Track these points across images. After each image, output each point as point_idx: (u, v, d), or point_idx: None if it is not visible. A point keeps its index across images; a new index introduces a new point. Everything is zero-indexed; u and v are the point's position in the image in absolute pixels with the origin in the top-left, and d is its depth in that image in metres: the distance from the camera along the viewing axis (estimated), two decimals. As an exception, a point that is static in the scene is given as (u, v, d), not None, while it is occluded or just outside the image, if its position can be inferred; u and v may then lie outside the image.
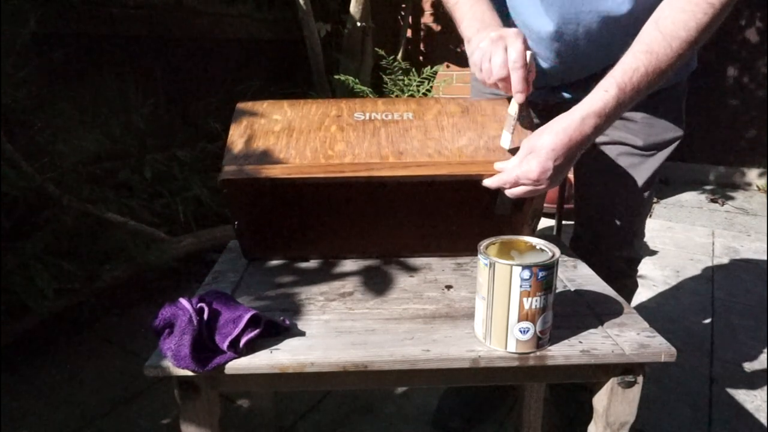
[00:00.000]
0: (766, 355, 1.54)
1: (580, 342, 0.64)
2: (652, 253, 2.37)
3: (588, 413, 0.71)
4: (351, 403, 1.34)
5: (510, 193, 0.75)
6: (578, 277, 0.83)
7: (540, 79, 0.98)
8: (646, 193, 1.00)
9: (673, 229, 2.71)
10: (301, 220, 1.01)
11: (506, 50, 0.73)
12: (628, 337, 0.65)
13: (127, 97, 2.07)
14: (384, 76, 3.04)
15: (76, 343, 1.62)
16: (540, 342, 0.62)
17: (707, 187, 3.49)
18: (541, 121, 0.75)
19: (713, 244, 2.49)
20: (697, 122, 3.24)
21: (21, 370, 1.48)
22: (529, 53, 0.74)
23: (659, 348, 0.62)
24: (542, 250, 0.62)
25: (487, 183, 0.77)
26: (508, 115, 0.78)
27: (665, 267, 2.21)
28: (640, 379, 0.64)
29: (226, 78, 2.59)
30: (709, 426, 1.26)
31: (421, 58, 3.56)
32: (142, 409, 1.32)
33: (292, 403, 1.34)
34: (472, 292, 0.76)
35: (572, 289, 0.79)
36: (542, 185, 0.72)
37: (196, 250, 1.94)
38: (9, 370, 1.47)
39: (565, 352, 0.62)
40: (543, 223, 2.24)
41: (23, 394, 1.38)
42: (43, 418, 1.30)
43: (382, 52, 2.94)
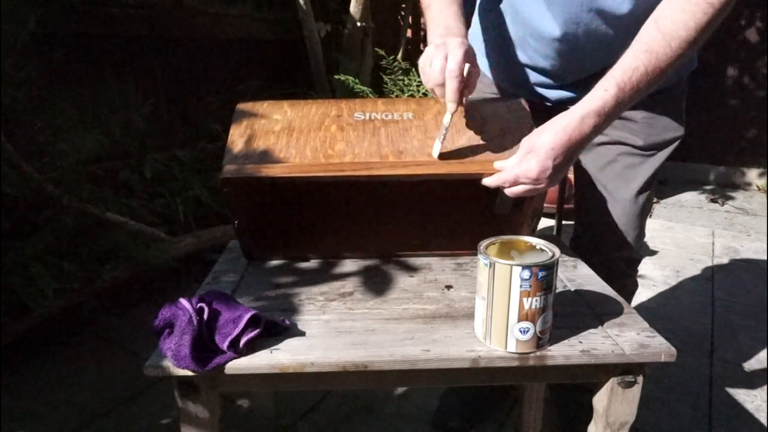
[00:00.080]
0: (766, 355, 1.54)
1: (580, 342, 0.64)
2: (652, 253, 2.37)
3: (588, 413, 0.71)
4: (351, 403, 1.34)
5: (509, 192, 0.75)
6: (578, 277, 0.83)
7: (540, 78, 0.98)
8: (646, 193, 1.00)
9: (673, 229, 2.71)
10: (301, 220, 1.01)
11: (446, 58, 0.73)
12: (628, 337, 0.65)
13: (127, 97, 2.07)
14: (384, 76, 3.03)
15: (76, 343, 1.62)
16: (540, 342, 0.62)
17: (707, 187, 3.49)
18: (541, 121, 0.75)
19: (713, 244, 2.49)
20: (697, 122, 3.24)
21: (21, 370, 1.48)
22: (467, 66, 0.73)
23: (659, 348, 0.62)
24: (542, 250, 0.62)
25: (487, 182, 0.77)
26: (441, 124, 0.77)
27: (665, 267, 2.21)
28: (640, 379, 0.64)
29: (226, 78, 2.59)
30: (709, 426, 1.26)
31: (421, 58, 3.56)
32: (142, 409, 1.32)
33: (292, 403, 1.34)
34: (472, 292, 0.76)
35: (572, 289, 0.79)
36: (542, 184, 0.72)
37: (196, 250, 1.94)
38: (9, 370, 1.47)
39: (565, 352, 0.62)
40: (543, 223, 2.24)
41: (23, 394, 1.38)
42: (43, 418, 1.30)
43: (382, 52, 2.93)
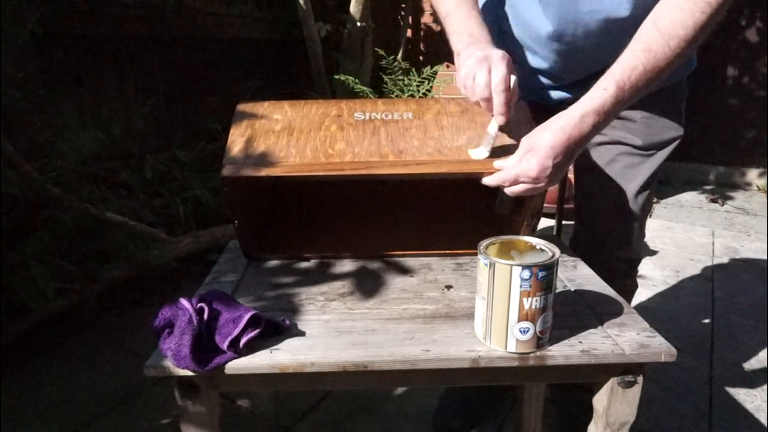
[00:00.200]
0: (766, 355, 1.54)
1: (580, 342, 0.64)
2: (652, 253, 2.37)
3: (588, 413, 0.71)
4: (351, 403, 1.34)
5: (509, 191, 0.75)
6: (578, 277, 0.83)
7: (539, 79, 0.98)
8: (645, 192, 1.00)
9: (673, 229, 2.71)
10: (301, 219, 1.01)
11: (490, 72, 0.73)
12: (628, 337, 0.65)
13: (127, 97, 2.07)
14: (384, 76, 3.03)
15: (76, 343, 1.62)
16: (540, 342, 0.62)
17: (707, 187, 3.49)
18: (541, 121, 0.75)
19: (713, 244, 2.49)
20: (697, 122, 3.25)
21: (21, 370, 1.48)
22: (513, 78, 0.73)
23: (659, 348, 0.62)
24: (542, 250, 0.62)
25: (487, 181, 0.77)
26: (487, 134, 0.77)
27: (665, 267, 2.21)
28: (640, 379, 0.64)
29: (226, 78, 2.59)
30: (709, 426, 1.26)
31: (421, 58, 3.56)
32: (142, 409, 1.32)
33: (292, 403, 1.34)
34: (472, 292, 0.76)
35: (572, 289, 0.79)
36: (541, 183, 0.72)
37: (196, 250, 1.94)
38: (9, 370, 1.47)
39: (565, 352, 0.62)
40: (543, 223, 2.24)
41: (23, 394, 1.38)
42: (43, 418, 1.30)
43: (382, 52, 2.93)
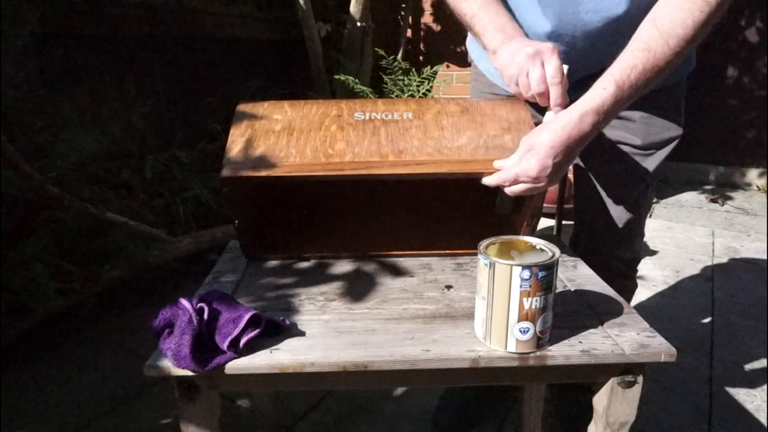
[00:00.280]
0: (766, 355, 1.54)
1: (580, 342, 0.64)
2: (652, 253, 2.37)
3: (588, 413, 0.71)
4: (351, 403, 1.34)
5: (509, 191, 0.75)
6: (578, 277, 0.83)
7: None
8: (645, 192, 1.00)
9: (673, 229, 2.71)
10: (301, 219, 1.01)
11: (543, 65, 0.75)
12: (628, 337, 0.65)
13: (127, 97, 2.07)
14: (384, 76, 3.04)
15: (76, 343, 1.62)
16: (540, 342, 0.62)
17: (707, 187, 3.49)
18: (540, 120, 0.75)
19: (713, 244, 2.49)
20: (697, 122, 3.24)
21: (21, 370, 1.48)
22: (566, 67, 0.76)
23: (659, 348, 0.62)
24: (542, 250, 0.62)
25: (487, 181, 0.77)
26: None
27: (665, 267, 2.21)
28: (640, 379, 0.64)
29: (226, 78, 2.59)
30: (709, 426, 1.26)
31: (421, 58, 3.56)
32: (142, 409, 1.32)
33: (292, 403, 1.34)
34: (472, 292, 0.76)
35: (572, 289, 0.79)
36: (541, 183, 0.72)
37: (196, 250, 1.94)
38: (9, 370, 1.47)
39: (565, 352, 0.62)
40: (543, 223, 2.24)
41: (23, 394, 1.38)
42: (43, 418, 1.30)
43: (382, 52, 2.94)
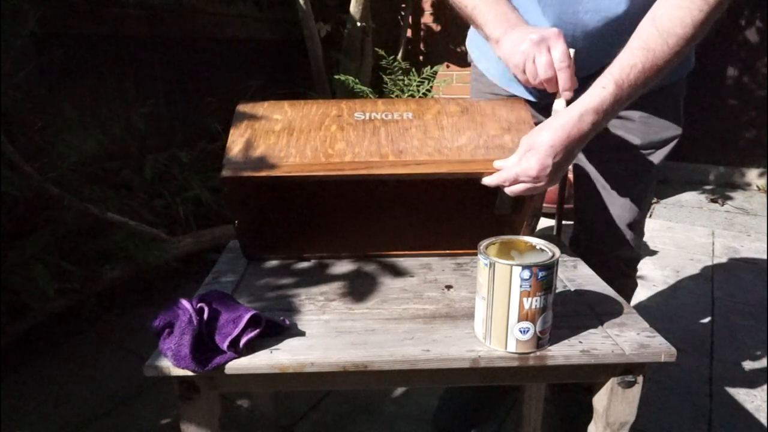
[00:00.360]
0: (766, 355, 1.54)
1: (580, 342, 0.64)
2: (652, 253, 2.37)
3: (588, 413, 0.71)
4: (351, 403, 1.34)
5: (509, 191, 0.75)
6: (578, 277, 0.83)
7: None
8: (645, 192, 1.00)
9: (673, 229, 2.71)
10: (301, 219, 1.01)
11: (549, 51, 0.75)
12: (628, 337, 0.65)
13: (127, 97, 2.07)
14: (384, 76, 3.04)
15: (76, 343, 1.62)
16: (540, 342, 0.62)
17: (707, 187, 3.49)
18: (541, 120, 0.75)
19: (713, 244, 2.49)
20: (697, 122, 3.24)
21: (21, 370, 1.48)
22: (572, 51, 0.76)
23: (659, 348, 0.62)
24: (542, 250, 0.62)
25: (487, 181, 0.77)
26: (555, 111, 0.79)
27: (665, 267, 2.21)
28: (640, 379, 0.64)
29: (226, 78, 2.59)
30: (709, 426, 1.26)
31: (421, 58, 3.56)
32: (142, 409, 1.32)
33: (292, 403, 1.34)
34: (472, 292, 0.76)
35: (572, 289, 0.79)
36: (541, 182, 0.72)
37: (196, 250, 1.94)
38: (9, 370, 1.47)
39: (565, 352, 0.62)
40: (543, 223, 2.24)
41: (23, 394, 1.38)
42: (43, 418, 1.30)
43: (382, 52, 2.94)
